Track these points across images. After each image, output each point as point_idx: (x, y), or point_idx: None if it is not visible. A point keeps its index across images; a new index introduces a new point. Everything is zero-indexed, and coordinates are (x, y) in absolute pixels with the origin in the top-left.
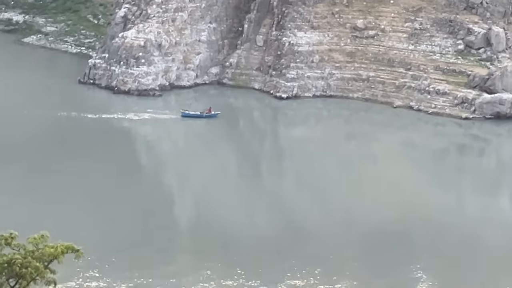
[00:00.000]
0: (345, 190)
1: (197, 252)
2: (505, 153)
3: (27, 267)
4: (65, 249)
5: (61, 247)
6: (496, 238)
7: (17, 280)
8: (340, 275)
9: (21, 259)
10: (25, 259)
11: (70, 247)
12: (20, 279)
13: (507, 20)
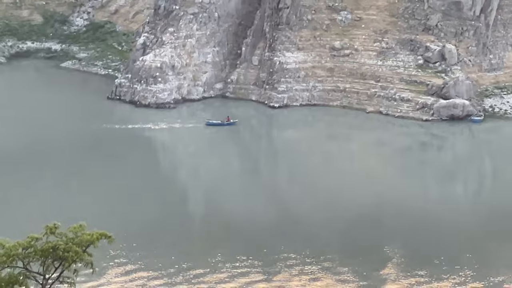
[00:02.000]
0: (328, 181)
1: (207, 235)
2: (459, 148)
3: (69, 251)
4: (99, 236)
5: (96, 234)
6: (453, 218)
7: (61, 262)
8: (325, 253)
9: (64, 245)
10: (67, 245)
11: (104, 234)
12: (63, 261)
13: (457, 39)
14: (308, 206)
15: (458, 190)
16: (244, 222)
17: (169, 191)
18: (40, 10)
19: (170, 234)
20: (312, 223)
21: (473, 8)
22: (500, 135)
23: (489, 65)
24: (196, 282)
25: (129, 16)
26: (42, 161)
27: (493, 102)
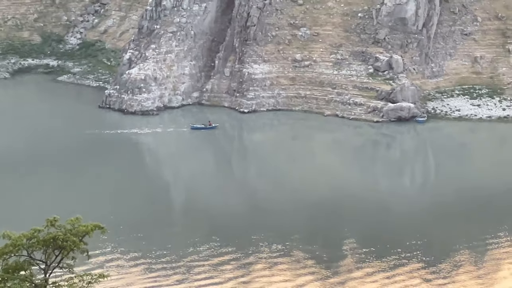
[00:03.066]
0: (293, 176)
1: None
2: (405, 146)
3: (67, 241)
4: (94, 227)
5: (90, 225)
6: (401, 206)
7: (60, 251)
8: (290, 239)
9: (62, 235)
10: (65, 235)
11: (97, 225)
12: (62, 250)
13: (403, 50)
14: (276, 198)
15: (405, 182)
16: (220, 214)
17: (154, 187)
18: (39, 31)
19: (155, 225)
20: (280, 213)
21: (416, 23)
22: (441, 133)
23: (431, 73)
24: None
25: (116, 35)
26: (42, 163)
27: (435, 105)
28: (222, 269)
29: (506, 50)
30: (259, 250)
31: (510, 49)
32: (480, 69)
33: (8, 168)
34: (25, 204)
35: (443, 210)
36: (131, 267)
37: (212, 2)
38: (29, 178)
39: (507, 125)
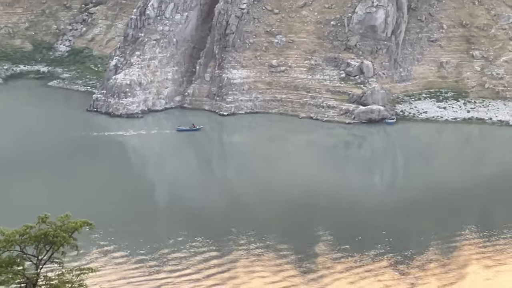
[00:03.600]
0: (270, 175)
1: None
2: (375, 146)
3: (57, 237)
4: (82, 224)
5: (79, 222)
6: (371, 202)
7: (51, 246)
8: (268, 234)
9: (53, 231)
10: (56, 231)
11: (86, 222)
12: (53, 245)
13: (373, 56)
14: (254, 196)
15: (375, 179)
16: (202, 211)
17: (139, 186)
18: (30, 39)
19: (140, 222)
20: (257, 210)
21: (385, 31)
22: (409, 134)
23: (399, 77)
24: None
25: (103, 42)
26: (33, 163)
27: (403, 107)
28: (204, 263)
29: (470, 56)
30: (238, 245)
31: (474, 54)
32: (446, 73)
33: (0, 168)
34: (18, 202)
35: (411, 206)
36: (118, 261)
37: (193, 11)
38: (20, 177)
39: (471, 126)
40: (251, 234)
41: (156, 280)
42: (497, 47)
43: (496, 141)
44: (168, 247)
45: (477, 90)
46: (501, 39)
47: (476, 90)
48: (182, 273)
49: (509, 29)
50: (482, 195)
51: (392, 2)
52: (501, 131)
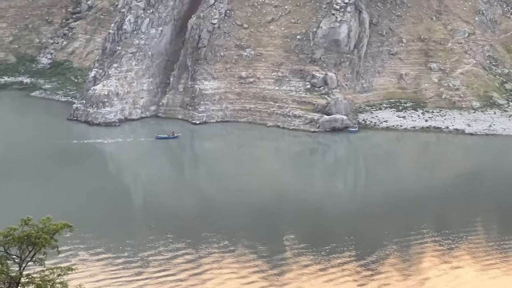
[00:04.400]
0: (239, 179)
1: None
2: (339, 153)
3: (39, 238)
4: (63, 226)
5: (60, 224)
6: (334, 206)
7: (33, 247)
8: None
9: (35, 233)
10: (38, 233)
11: (66, 224)
12: (35, 246)
13: (337, 68)
14: (224, 199)
15: (339, 184)
16: (174, 213)
17: (116, 190)
18: (14, 52)
19: (117, 224)
20: (227, 213)
21: (348, 44)
22: (370, 142)
23: (361, 88)
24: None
25: (83, 55)
26: (16, 169)
27: (365, 116)
28: (176, 262)
29: (428, 68)
30: (213, 247)
31: (431, 67)
32: (405, 84)
33: None
34: (1, 205)
35: (372, 209)
36: (96, 261)
37: (167, 26)
38: (4, 182)
39: (429, 134)
40: (220, 236)
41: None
42: (453, 60)
43: (452, 148)
44: (146, 249)
45: (435, 101)
46: (457, 53)
47: (433, 100)
48: (161, 273)
49: (464, 43)
50: (439, 200)
51: (354, 17)
52: (457, 139)
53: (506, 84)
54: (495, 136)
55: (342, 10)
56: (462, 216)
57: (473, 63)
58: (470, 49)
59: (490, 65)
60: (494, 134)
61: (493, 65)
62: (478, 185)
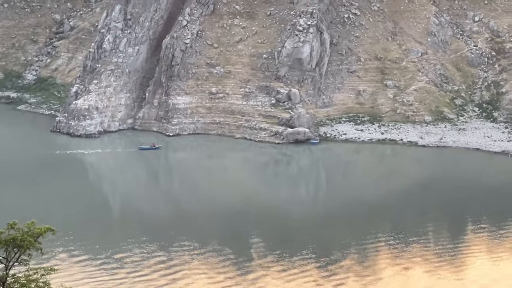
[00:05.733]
0: (209, 187)
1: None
2: (301, 163)
3: (24, 241)
4: (46, 230)
5: (43, 228)
6: (297, 212)
7: (19, 249)
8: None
9: (21, 236)
10: (23, 236)
11: (49, 228)
12: (20, 248)
13: (300, 85)
14: (195, 206)
15: (301, 192)
16: (149, 218)
17: (96, 197)
18: (1, 69)
19: (96, 228)
20: (198, 218)
21: (310, 63)
22: (331, 153)
23: (322, 103)
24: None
25: (65, 72)
26: (2, 177)
27: (326, 129)
28: (149, 264)
29: (384, 85)
30: (179, 248)
31: (387, 84)
32: (363, 100)
33: None
34: None
35: (331, 215)
36: (76, 262)
37: (143, 45)
38: None
39: (385, 146)
40: (195, 240)
41: (113, 280)
42: (407, 78)
43: (406, 159)
44: (122, 251)
45: (390, 115)
46: (411, 71)
47: (389, 114)
48: (136, 274)
49: (418, 62)
50: (394, 207)
51: (316, 38)
52: (410, 151)
53: (455, 100)
54: (446, 148)
55: (305, 31)
56: (414, 222)
57: (425, 80)
58: (422, 67)
59: (441, 82)
60: (445, 146)
61: (444, 82)
62: (430, 193)
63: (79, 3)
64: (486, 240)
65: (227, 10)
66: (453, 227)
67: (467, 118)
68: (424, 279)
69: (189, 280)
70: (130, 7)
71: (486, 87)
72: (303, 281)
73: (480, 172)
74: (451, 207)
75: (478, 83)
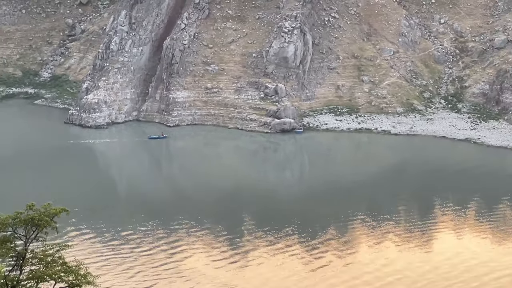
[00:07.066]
0: (206, 171)
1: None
2: (287, 150)
3: (42, 220)
4: (61, 210)
5: (58, 209)
6: (284, 193)
7: (36, 228)
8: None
9: (38, 216)
10: (40, 216)
11: (63, 209)
12: (38, 227)
13: (285, 80)
14: (193, 188)
15: (287, 175)
16: (152, 199)
17: (105, 181)
18: (20, 67)
19: (105, 209)
20: (196, 197)
21: (295, 61)
22: (313, 141)
23: (306, 97)
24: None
25: (77, 70)
26: (22, 163)
27: (309, 120)
28: (151, 241)
29: (360, 80)
30: (178, 226)
31: (363, 79)
32: (342, 94)
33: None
34: (10, 194)
35: (315, 195)
36: (87, 239)
37: (146, 46)
38: (12, 175)
39: (361, 134)
40: (192, 218)
41: (119, 254)
42: (381, 74)
43: (380, 146)
44: (127, 229)
45: (366, 107)
46: (384, 68)
47: (365, 106)
48: (140, 249)
49: (390, 59)
50: (370, 188)
51: (300, 39)
52: (384, 139)
53: (424, 93)
54: (416, 136)
55: (289, 33)
56: (387, 201)
57: (397, 76)
58: (394, 64)
59: (411, 77)
60: (415, 134)
61: (413, 77)
62: (401, 176)
63: (89, 9)
64: (451, 217)
65: (221, 14)
66: (421, 206)
67: (434, 109)
68: (395, 251)
69: (187, 254)
70: (134, 12)
71: (451, 82)
72: (288, 254)
73: (446, 157)
74: (420, 188)
75: (444, 78)
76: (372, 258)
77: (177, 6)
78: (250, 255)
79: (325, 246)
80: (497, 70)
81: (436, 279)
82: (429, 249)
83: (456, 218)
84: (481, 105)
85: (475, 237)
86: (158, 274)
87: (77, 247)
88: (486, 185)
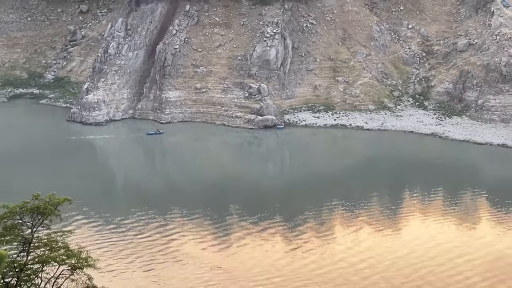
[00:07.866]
0: (196, 163)
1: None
2: (270, 144)
3: (46, 209)
4: (64, 200)
5: (62, 199)
6: (267, 184)
7: (42, 215)
8: (195, 207)
9: (43, 205)
10: (45, 205)
11: (66, 198)
12: (43, 215)
13: (268, 81)
14: (184, 179)
15: (269, 167)
16: (147, 190)
17: (105, 173)
18: (26, 70)
19: (105, 199)
20: (187, 188)
21: (276, 63)
22: (294, 136)
23: (286, 96)
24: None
25: (78, 72)
26: (28, 157)
27: (289, 117)
28: (148, 228)
29: (336, 81)
30: (172, 214)
31: (338, 80)
32: (319, 93)
33: (3, 162)
34: (16, 185)
35: (295, 186)
36: (90, 227)
37: (141, 50)
38: (18, 167)
39: (337, 130)
40: (185, 207)
41: (119, 240)
42: (354, 75)
43: (354, 140)
44: (127, 218)
45: (341, 105)
46: (357, 69)
47: (340, 104)
48: (138, 236)
49: (363, 61)
50: (345, 178)
51: (281, 43)
52: (357, 133)
53: (394, 92)
54: (386, 131)
55: (271, 37)
56: (362, 191)
57: (369, 76)
58: (367, 66)
59: (382, 78)
60: (385, 129)
61: (384, 78)
62: (374, 167)
63: (89, 17)
64: (419, 204)
65: (209, 21)
66: (392, 195)
67: (403, 106)
68: (370, 236)
69: (183, 240)
70: (130, 20)
71: (418, 82)
72: (274, 240)
73: (414, 150)
74: (391, 178)
75: (411, 78)
76: (348, 240)
77: (169, 14)
78: (238, 241)
79: (307, 232)
80: (460, 71)
81: (412, 262)
82: (400, 233)
83: (423, 205)
84: (446, 103)
85: (441, 222)
86: (155, 259)
87: (80, 234)
88: (450, 175)
